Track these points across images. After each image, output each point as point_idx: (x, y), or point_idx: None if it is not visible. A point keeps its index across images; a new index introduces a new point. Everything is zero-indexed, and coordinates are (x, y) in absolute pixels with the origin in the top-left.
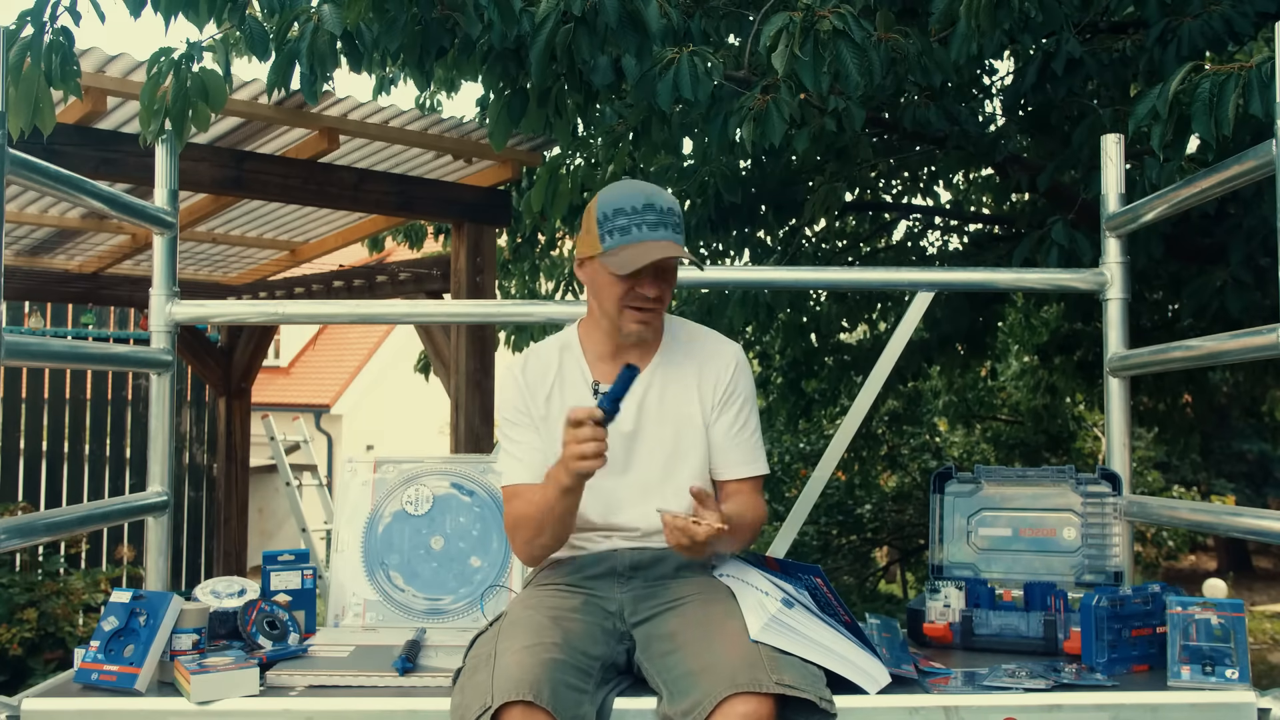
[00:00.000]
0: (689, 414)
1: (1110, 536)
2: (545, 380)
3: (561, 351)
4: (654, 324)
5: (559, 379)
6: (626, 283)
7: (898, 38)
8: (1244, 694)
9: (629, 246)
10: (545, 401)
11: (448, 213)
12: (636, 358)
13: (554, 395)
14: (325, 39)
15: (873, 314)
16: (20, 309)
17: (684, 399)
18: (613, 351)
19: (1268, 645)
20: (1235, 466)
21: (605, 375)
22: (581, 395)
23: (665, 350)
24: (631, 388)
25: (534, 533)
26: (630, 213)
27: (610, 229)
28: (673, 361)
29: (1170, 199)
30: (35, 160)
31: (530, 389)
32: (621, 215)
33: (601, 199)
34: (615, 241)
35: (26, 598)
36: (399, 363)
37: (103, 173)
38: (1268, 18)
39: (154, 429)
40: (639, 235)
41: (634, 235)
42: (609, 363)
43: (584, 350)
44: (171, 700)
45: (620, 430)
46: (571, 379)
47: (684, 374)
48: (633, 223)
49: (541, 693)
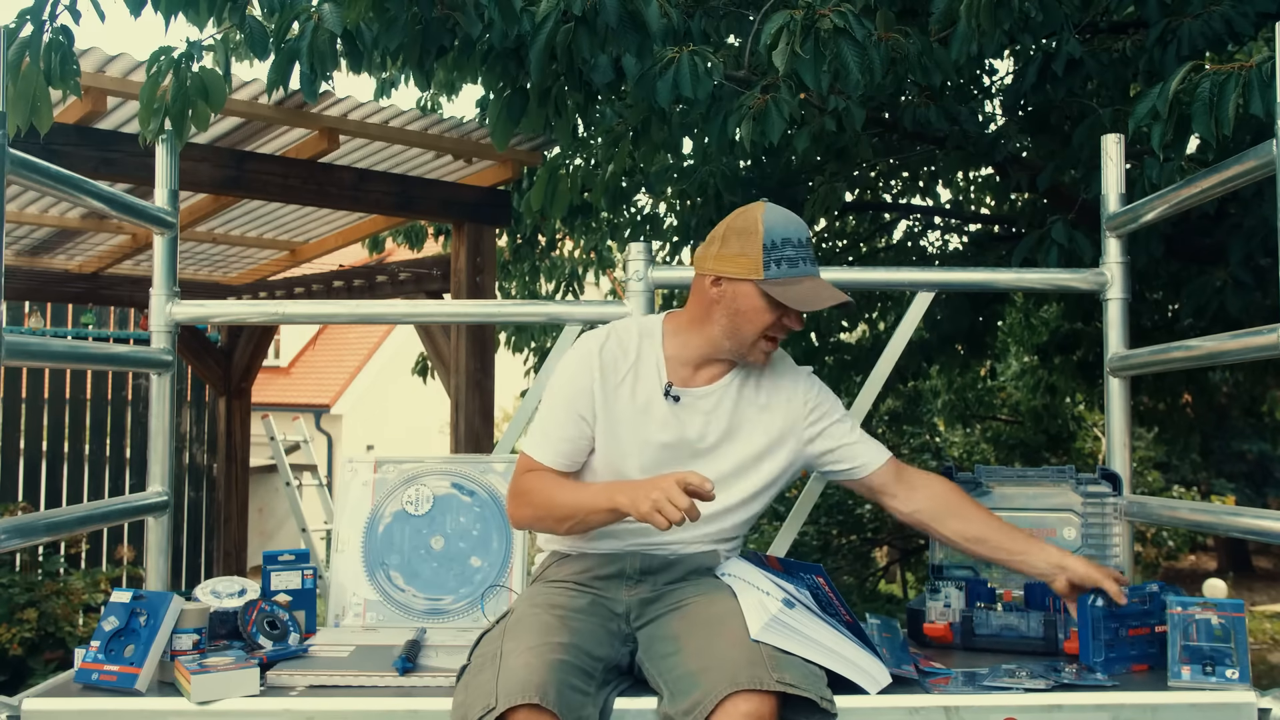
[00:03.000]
0: (750, 437)
1: (1110, 536)
2: (620, 367)
3: (641, 340)
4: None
5: (634, 369)
6: (776, 314)
7: (898, 37)
8: (1244, 694)
9: (800, 281)
10: (615, 389)
11: (448, 213)
12: (716, 370)
13: (625, 384)
14: (325, 38)
15: (873, 314)
16: (20, 309)
17: (750, 422)
18: (698, 361)
19: (1268, 645)
20: (1235, 466)
21: (680, 379)
22: (651, 390)
23: (744, 368)
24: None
25: (548, 518)
26: (798, 245)
27: (778, 258)
28: (748, 381)
29: (1170, 199)
30: (35, 160)
31: (604, 372)
32: (790, 246)
33: (768, 224)
34: (782, 272)
35: (26, 598)
36: (399, 363)
37: (103, 173)
38: (1268, 18)
39: (154, 429)
40: (806, 270)
41: (803, 270)
42: (688, 368)
43: (664, 346)
44: (171, 700)
45: (683, 437)
46: (646, 372)
47: (757, 397)
48: (800, 256)
49: (548, 694)
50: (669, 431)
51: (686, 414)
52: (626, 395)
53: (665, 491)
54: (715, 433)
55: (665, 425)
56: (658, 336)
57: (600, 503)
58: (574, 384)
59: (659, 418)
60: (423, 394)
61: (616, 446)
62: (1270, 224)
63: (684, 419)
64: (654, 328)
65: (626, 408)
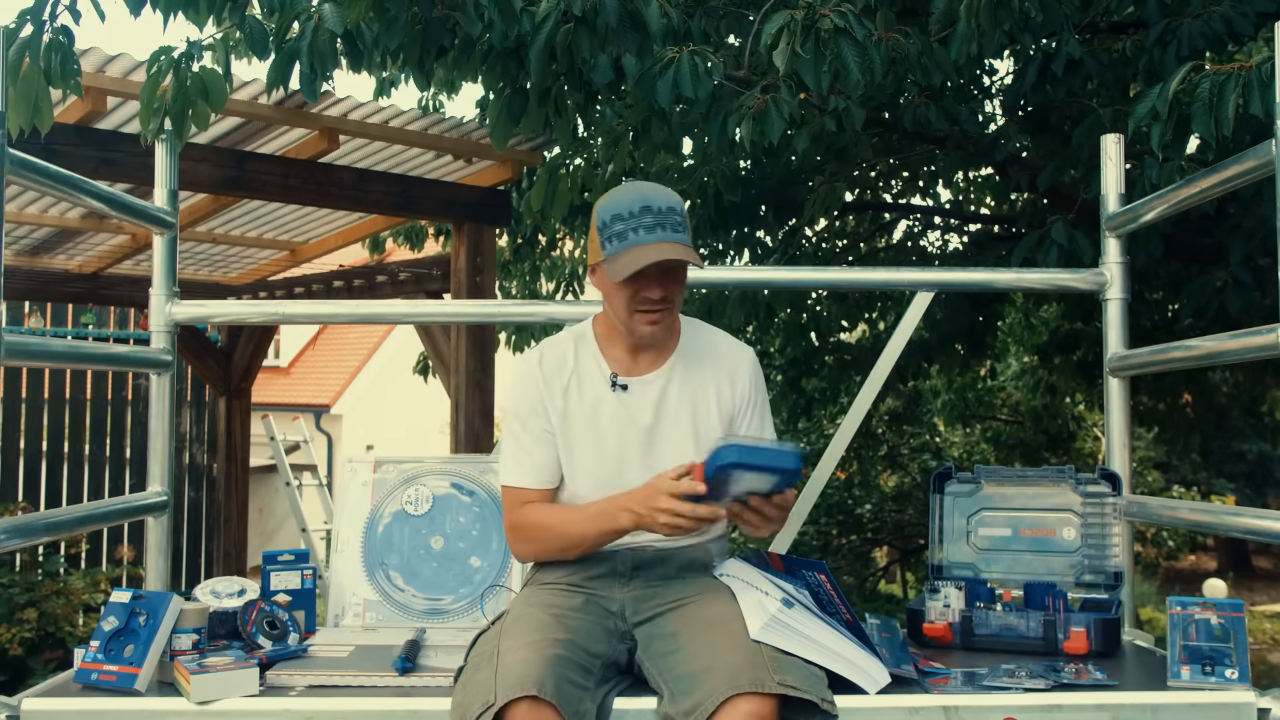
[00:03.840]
0: (707, 412)
1: (1110, 536)
2: (562, 373)
3: (577, 344)
4: (665, 323)
5: (576, 373)
6: (631, 287)
7: (898, 37)
8: (1244, 694)
9: (626, 252)
10: (562, 394)
11: (448, 213)
12: (655, 356)
13: (571, 388)
14: (325, 38)
15: (873, 314)
16: (20, 309)
17: (702, 399)
18: (630, 348)
19: (1268, 645)
20: (1235, 466)
21: (622, 369)
22: (598, 389)
23: (684, 349)
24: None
25: (556, 550)
26: (627, 217)
27: (609, 235)
28: (691, 361)
29: (1170, 199)
30: (35, 160)
31: (548, 382)
32: (619, 221)
33: (600, 206)
34: (614, 248)
35: (26, 598)
36: (399, 363)
37: (102, 173)
38: (1268, 18)
39: (154, 429)
40: (635, 240)
41: (630, 240)
42: (626, 358)
43: (600, 344)
44: (171, 700)
45: (639, 423)
46: (588, 372)
47: (702, 375)
48: (629, 227)
49: (545, 687)
50: (623, 423)
51: (636, 402)
52: (575, 399)
53: (670, 508)
54: (668, 416)
55: (617, 418)
56: (590, 337)
57: (607, 526)
58: (527, 404)
59: (610, 412)
60: (423, 394)
61: (578, 448)
62: (1270, 224)
63: (634, 408)
64: (585, 330)
65: (577, 410)
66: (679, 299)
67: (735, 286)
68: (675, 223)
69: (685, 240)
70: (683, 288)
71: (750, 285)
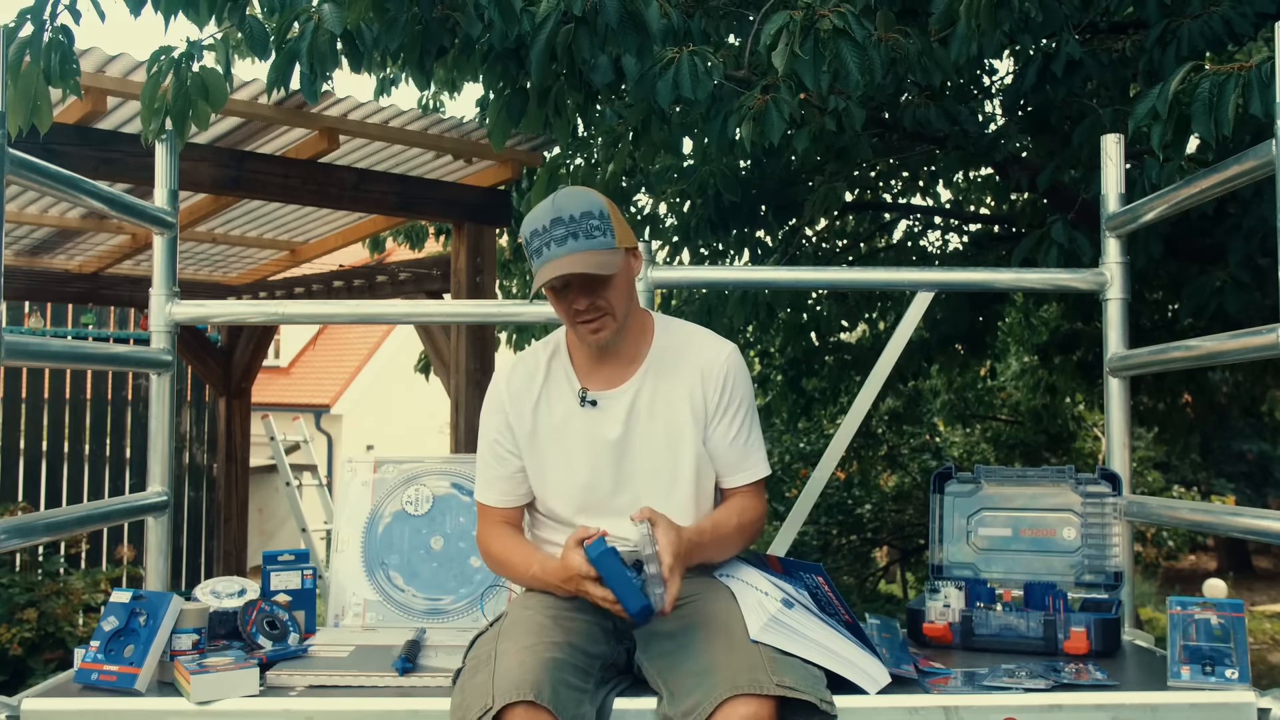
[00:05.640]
0: (680, 420)
1: (1110, 536)
2: (531, 391)
3: (550, 359)
4: (611, 329)
5: (545, 389)
6: (561, 301)
7: (898, 37)
8: (1244, 694)
9: (541, 268)
10: (532, 412)
11: (448, 213)
12: (625, 363)
13: (540, 405)
14: (325, 38)
15: (873, 314)
16: (20, 309)
17: (676, 405)
18: (594, 356)
19: (1268, 645)
20: (1235, 466)
21: (593, 383)
22: (568, 404)
23: (655, 354)
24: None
25: (507, 575)
26: (541, 233)
27: (531, 251)
28: (664, 366)
29: (1170, 199)
30: (35, 160)
31: (515, 402)
32: (536, 237)
33: (524, 223)
34: (536, 263)
35: (26, 598)
36: (399, 363)
37: (102, 173)
38: (1268, 18)
39: (154, 429)
40: (547, 254)
41: (544, 255)
42: (597, 370)
43: (572, 357)
44: (171, 700)
45: (608, 438)
46: (558, 387)
47: (673, 380)
48: (543, 242)
49: (543, 692)
50: (592, 438)
51: (605, 417)
52: (545, 416)
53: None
54: (639, 428)
55: (586, 433)
56: (563, 348)
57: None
58: (491, 426)
59: (579, 428)
60: (423, 394)
61: (549, 465)
62: (1270, 224)
63: (603, 423)
64: (559, 343)
65: (546, 427)
66: (619, 303)
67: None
68: (590, 228)
69: (601, 244)
70: (622, 291)
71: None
